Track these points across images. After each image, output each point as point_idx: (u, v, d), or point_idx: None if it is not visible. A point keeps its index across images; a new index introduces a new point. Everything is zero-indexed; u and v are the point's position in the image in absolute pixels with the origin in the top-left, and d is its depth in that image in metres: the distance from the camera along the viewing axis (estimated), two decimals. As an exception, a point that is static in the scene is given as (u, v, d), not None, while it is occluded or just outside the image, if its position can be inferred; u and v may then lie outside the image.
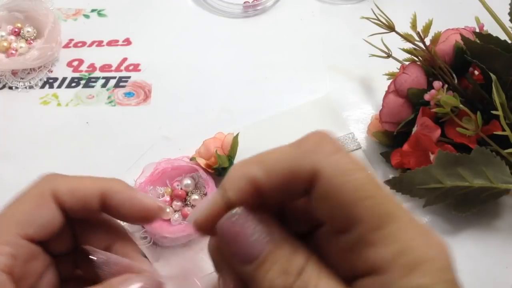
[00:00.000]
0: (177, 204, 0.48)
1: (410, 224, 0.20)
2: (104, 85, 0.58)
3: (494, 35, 0.46)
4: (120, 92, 0.58)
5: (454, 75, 0.48)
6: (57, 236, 0.29)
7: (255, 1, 0.65)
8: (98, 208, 0.29)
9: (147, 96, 0.57)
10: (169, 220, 0.47)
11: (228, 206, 0.21)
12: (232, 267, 0.21)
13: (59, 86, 0.58)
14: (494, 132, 0.44)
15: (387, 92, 0.50)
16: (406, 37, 0.49)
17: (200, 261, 0.45)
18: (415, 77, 0.48)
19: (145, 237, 0.47)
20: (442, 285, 0.19)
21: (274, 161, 0.21)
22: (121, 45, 0.62)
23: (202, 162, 0.49)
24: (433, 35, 0.50)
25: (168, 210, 0.47)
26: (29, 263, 0.28)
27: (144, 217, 0.30)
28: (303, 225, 0.23)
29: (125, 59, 0.60)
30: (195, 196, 0.48)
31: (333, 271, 0.20)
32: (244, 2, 0.65)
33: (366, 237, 0.20)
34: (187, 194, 0.48)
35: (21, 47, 0.58)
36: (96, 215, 0.30)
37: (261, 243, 0.20)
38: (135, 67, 0.60)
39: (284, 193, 0.21)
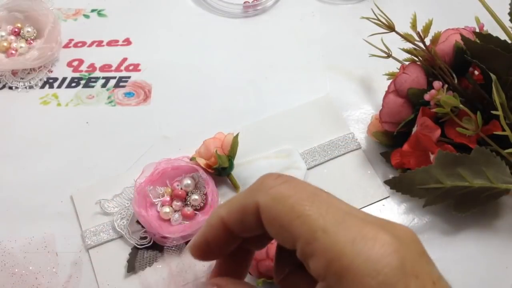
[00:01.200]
0: (177, 204, 0.48)
1: (342, 234, 0.22)
2: (104, 85, 0.58)
3: (494, 35, 0.46)
4: (120, 92, 0.58)
5: (454, 75, 0.48)
6: None
7: (255, 1, 0.65)
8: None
9: (147, 96, 0.57)
10: (169, 220, 0.47)
11: (210, 236, 0.27)
12: None
13: (59, 86, 0.58)
14: (494, 132, 0.44)
15: (387, 92, 0.50)
16: (406, 37, 0.49)
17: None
18: (415, 77, 0.48)
19: (145, 237, 0.47)
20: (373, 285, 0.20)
21: (233, 202, 0.26)
22: (121, 45, 0.62)
23: (202, 162, 0.49)
24: (433, 35, 0.50)
25: (168, 210, 0.47)
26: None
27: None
28: None
29: (125, 59, 0.60)
30: (195, 196, 0.48)
31: None
32: (244, 2, 0.65)
33: (305, 251, 0.22)
34: (187, 194, 0.48)
35: (21, 47, 0.58)
36: None
37: None
38: (135, 67, 0.60)
39: (245, 224, 0.26)
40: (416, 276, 0.21)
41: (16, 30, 0.59)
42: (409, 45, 0.49)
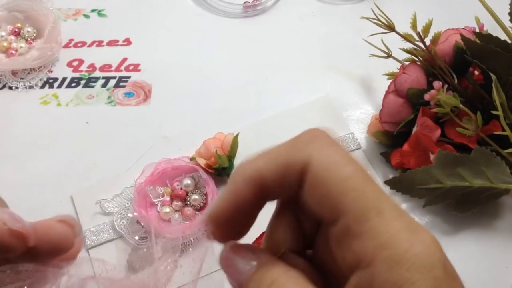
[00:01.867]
0: (177, 204, 0.48)
1: (397, 219, 0.20)
2: (104, 85, 0.58)
3: (494, 35, 0.46)
4: (120, 92, 0.58)
5: (454, 75, 0.48)
6: None
7: (255, 1, 0.65)
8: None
9: (147, 96, 0.57)
10: (169, 220, 0.47)
11: (238, 197, 0.22)
12: None
13: (59, 86, 0.58)
14: (494, 132, 0.44)
15: (387, 92, 0.50)
16: (406, 37, 0.49)
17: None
18: (415, 77, 0.48)
19: (145, 237, 0.47)
20: (427, 281, 0.19)
21: (274, 154, 0.22)
22: (121, 45, 0.62)
23: (202, 162, 0.49)
24: (433, 35, 0.50)
25: (168, 210, 0.47)
26: None
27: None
28: (313, 223, 0.24)
29: (125, 59, 0.60)
30: (195, 196, 0.48)
31: (314, 277, 0.22)
32: (244, 2, 0.65)
33: (351, 229, 0.20)
34: (187, 194, 0.48)
35: (21, 47, 0.58)
36: None
37: (245, 271, 0.22)
38: (135, 67, 0.60)
39: (284, 184, 0.22)
40: (453, 278, 0.21)
41: (16, 30, 0.59)
42: (409, 45, 0.49)
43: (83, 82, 0.58)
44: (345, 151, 0.22)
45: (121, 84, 0.58)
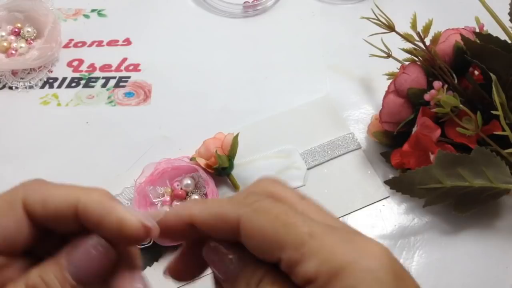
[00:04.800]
0: (177, 204, 0.48)
1: (329, 235, 0.22)
2: (104, 85, 0.58)
3: (494, 35, 0.46)
4: (120, 92, 0.58)
5: (454, 75, 0.48)
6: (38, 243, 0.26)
7: (255, 1, 0.65)
8: (73, 221, 0.25)
9: (147, 96, 0.57)
10: (169, 220, 0.47)
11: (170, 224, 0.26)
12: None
13: (59, 86, 0.58)
14: (494, 132, 0.44)
15: (387, 92, 0.50)
16: (406, 37, 0.49)
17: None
18: (415, 77, 0.48)
19: (145, 237, 0.47)
20: (369, 283, 0.21)
21: (209, 204, 0.25)
22: (121, 45, 0.62)
23: (202, 162, 0.49)
24: (433, 35, 0.50)
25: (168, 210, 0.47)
26: None
27: (124, 237, 0.25)
28: None
29: (125, 59, 0.60)
30: (195, 196, 0.48)
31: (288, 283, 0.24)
32: (244, 2, 0.65)
33: (293, 258, 0.22)
34: (187, 194, 0.48)
35: (21, 47, 0.58)
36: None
37: (233, 267, 0.24)
38: (135, 67, 0.60)
39: (218, 232, 0.25)
40: (401, 278, 0.22)
41: (16, 30, 0.59)
42: (409, 45, 0.49)
43: (83, 82, 0.58)
44: (270, 199, 0.25)
45: (121, 84, 0.58)
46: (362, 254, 0.22)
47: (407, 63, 0.50)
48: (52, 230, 0.26)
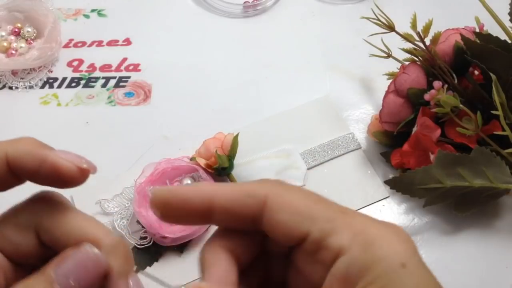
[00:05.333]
0: (177, 204, 0.48)
1: (359, 216, 0.24)
2: (104, 85, 0.58)
3: (494, 35, 0.46)
4: (120, 92, 0.58)
5: (454, 75, 0.48)
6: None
7: (255, 1, 0.65)
8: (8, 173, 0.26)
9: (147, 96, 0.57)
10: (169, 220, 0.47)
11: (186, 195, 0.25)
12: None
13: (59, 86, 0.58)
14: (494, 132, 0.44)
15: (387, 92, 0.50)
16: (406, 37, 0.49)
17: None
18: (415, 77, 0.48)
19: (145, 237, 0.47)
20: (401, 254, 0.22)
21: (232, 187, 0.25)
22: (121, 45, 0.62)
23: (202, 162, 0.49)
24: (433, 35, 0.50)
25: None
26: None
27: (62, 183, 0.27)
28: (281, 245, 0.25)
29: (125, 59, 0.60)
30: (195, 196, 0.48)
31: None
32: (244, 2, 0.65)
33: (325, 230, 0.23)
34: (187, 194, 0.48)
35: (21, 47, 0.58)
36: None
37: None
38: (135, 67, 0.60)
39: (235, 214, 0.24)
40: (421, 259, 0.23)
41: (16, 30, 0.59)
42: (409, 45, 0.49)
43: (83, 82, 0.58)
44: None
45: (121, 84, 0.58)
46: (390, 231, 0.23)
47: (407, 63, 0.50)
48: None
